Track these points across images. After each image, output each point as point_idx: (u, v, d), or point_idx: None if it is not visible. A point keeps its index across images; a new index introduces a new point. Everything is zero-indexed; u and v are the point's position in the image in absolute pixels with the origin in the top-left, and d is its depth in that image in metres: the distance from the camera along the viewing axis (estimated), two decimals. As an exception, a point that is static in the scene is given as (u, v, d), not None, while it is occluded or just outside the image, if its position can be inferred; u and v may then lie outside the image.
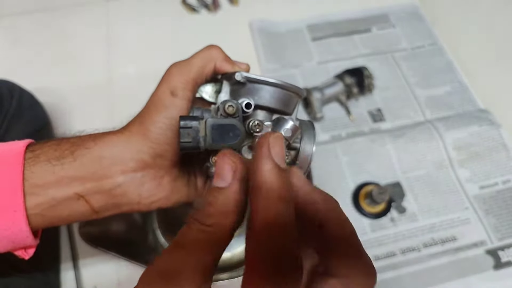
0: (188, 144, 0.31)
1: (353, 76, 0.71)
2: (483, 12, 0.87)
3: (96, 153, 0.34)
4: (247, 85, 0.36)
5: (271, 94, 0.36)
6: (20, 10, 0.83)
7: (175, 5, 0.86)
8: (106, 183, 0.34)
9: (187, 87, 0.35)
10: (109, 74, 0.76)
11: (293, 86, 0.37)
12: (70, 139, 0.35)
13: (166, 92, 0.35)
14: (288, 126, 0.34)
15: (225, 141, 0.31)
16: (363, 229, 0.62)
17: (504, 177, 0.66)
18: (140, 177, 0.35)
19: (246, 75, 0.35)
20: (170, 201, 0.37)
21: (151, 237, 0.60)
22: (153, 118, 0.34)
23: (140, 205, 0.36)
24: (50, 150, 0.33)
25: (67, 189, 0.33)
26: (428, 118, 0.73)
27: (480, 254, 0.60)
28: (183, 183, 0.38)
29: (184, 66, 0.36)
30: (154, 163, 0.35)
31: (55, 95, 0.71)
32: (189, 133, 0.31)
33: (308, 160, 0.36)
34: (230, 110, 0.33)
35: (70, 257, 0.58)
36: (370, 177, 0.66)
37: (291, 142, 0.34)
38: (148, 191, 0.35)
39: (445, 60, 0.80)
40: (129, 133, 0.35)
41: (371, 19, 0.85)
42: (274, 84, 0.36)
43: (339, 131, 0.71)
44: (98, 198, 0.34)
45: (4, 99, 0.55)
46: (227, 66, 0.37)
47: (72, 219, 0.35)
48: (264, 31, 0.82)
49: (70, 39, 0.80)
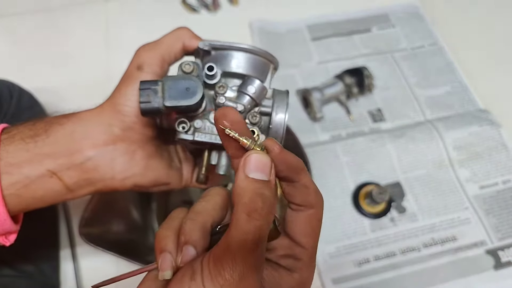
0: (147, 105, 0.31)
1: (353, 76, 0.71)
2: (483, 12, 0.87)
3: (68, 129, 0.35)
4: (213, 53, 0.36)
5: (239, 60, 0.36)
6: (20, 10, 0.83)
7: (175, 5, 0.86)
8: (77, 157, 0.34)
9: (154, 62, 0.36)
10: (108, 73, 0.76)
11: (261, 50, 0.36)
12: (45, 118, 0.36)
13: (133, 67, 0.36)
14: (254, 84, 0.34)
15: (182, 99, 0.31)
16: (363, 229, 0.62)
17: (504, 177, 0.66)
18: (111, 151, 0.35)
19: (210, 42, 0.36)
20: (146, 178, 0.37)
21: (151, 237, 0.60)
22: (121, 91, 0.35)
23: (114, 180, 0.36)
24: (25, 130, 0.34)
25: (40, 166, 0.33)
26: (428, 118, 0.73)
27: (480, 254, 0.60)
28: (162, 163, 0.39)
29: (151, 44, 0.37)
30: (125, 136, 0.35)
31: (55, 95, 0.71)
32: (148, 94, 0.31)
33: (282, 126, 0.35)
34: (187, 68, 0.33)
35: (70, 257, 0.58)
36: (370, 177, 0.66)
37: (258, 102, 0.34)
38: (120, 165, 0.36)
39: (445, 60, 0.80)
40: (101, 108, 0.36)
41: (371, 19, 0.85)
42: (238, 48, 0.35)
43: (339, 131, 0.71)
44: (71, 174, 0.34)
45: (3, 99, 0.55)
46: (195, 42, 0.37)
47: (47, 200, 0.35)
48: (264, 31, 0.82)
49: (69, 39, 0.80)
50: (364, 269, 0.59)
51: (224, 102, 0.33)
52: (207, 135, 0.35)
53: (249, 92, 0.34)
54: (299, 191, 0.25)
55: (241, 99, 0.34)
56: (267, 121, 0.36)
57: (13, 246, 0.50)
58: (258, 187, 0.22)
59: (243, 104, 0.34)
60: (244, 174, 0.22)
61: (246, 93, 0.34)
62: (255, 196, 0.22)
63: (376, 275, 0.58)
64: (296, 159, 0.24)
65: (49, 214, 0.59)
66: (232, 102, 0.34)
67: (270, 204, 0.22)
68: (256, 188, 0.22)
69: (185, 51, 0.38)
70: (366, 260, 0.59)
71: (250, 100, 0.34)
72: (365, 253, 0.60)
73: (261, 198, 0.22)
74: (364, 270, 0.59)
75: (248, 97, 0.34)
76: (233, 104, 0.33)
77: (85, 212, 0.51)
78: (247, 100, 0.34)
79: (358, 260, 0.59)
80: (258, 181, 0.22)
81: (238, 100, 0.34)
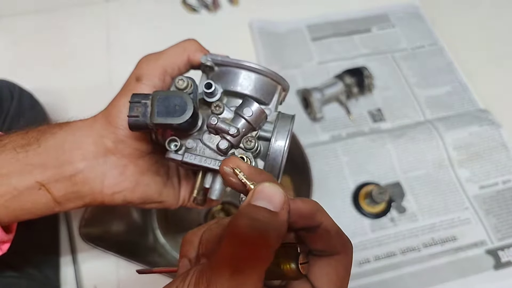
0: (136, 119, 0.29)
1: (353, 76, 0.71)
2: (483, 12, 0.87)
3: (60, 138, 0.34)
4: (217, 70, 0.34)
5: (241, 79, 0.33)
6: (20, 10, 0.83)
7: (175, 5, 0.86)
8: (67, 169, 0.33)
9: (154, 73, 0.34)
10: (109, 74, 0.76)
11: (267, 70, 0.33)
12: (38, 127, 0.35)
13: (132, 79, 0.35)
14: (251, 107, 0.31)
15: (170, 117, 0.29)
16: (363, 229, 0.62)
17: (504, 177, 0.66)
18: (102, 164, 0.34)
19: (212, 57, 0.33)
20: (135, 194, 0.36)
21: (151, 237, 0.60)
22: (115, 102, 0.34)
23: (103, 195, 0.35)
24: (18, 139, 0.33)
25: (29, 177, 0.32)
26: (428, 118, 0.73)
27: (480, 254, 0.60)
28: (156, 180, 0.37)
29: (153, 55, 0.36)
30: (116, 149, 0.34)
31: (55, 95, 0.71)
32: (138, 107, 0.30)
33: (281, 154, 0.32)
34: (180, 84, 0.31)
35: (70, 257, 0.58)
36: (370, 177, 0.66)
37: (255, 126, 0.32)
38: (110, 179, 0.34)
39: (445, 60, 0.80)
40: (94, 119, 0.35)
41: (371, 19, 0.85)
42: (242, 66, 0.33)
43: (339, 131, 0.71)
44: (59, 186, 0.33)
45: (4, 99, 0.55)
46: (200, 56, 0.35)
47: (36, 212, 0.34)
48: (264, 31, 0.82)
49: (70, 40, 0.80)
50: (364, 269, 0.59)
51: (216, 124, 0.31)
52: (197, 157, 0.32)
53: (245, 115, 0.31)
54: (320, 236, 0.22)
55: (236, 121, 0.31)
56: (267, 147, 0.32)
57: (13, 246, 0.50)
58: (261, 215, 0.20)
59: (237, 127, 0.31)
60: (249, 200, 0.20)
61: (242, 115, 0.31)
62: (252, 224, 0.19)
63: (376, 275, 0.58)
64: (307, 204, 0.22)
65: (50, 215, 0.59)
66: (224, 124, 0.31)
67: (270, 240, 0.19)
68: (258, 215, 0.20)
69: (191, 65, 0.36)
70: (366, 260, 0.59)
71: (246, 123, 0.31)
72: (365, 253, 0.60)
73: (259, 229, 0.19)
74: (364, 270, 0.59)
75: (243, 120, 0.31)
76: (226, 126, 0.31)
77: (85, 212, 0.51)
78: (242, 123, 0.31)
79: (358, 260, 0.59)
80: (260, 208, 0.20)
81: (232, 123, 0.31)
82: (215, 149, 0.32)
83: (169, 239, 0.60)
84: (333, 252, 0.23)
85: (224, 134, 0.31)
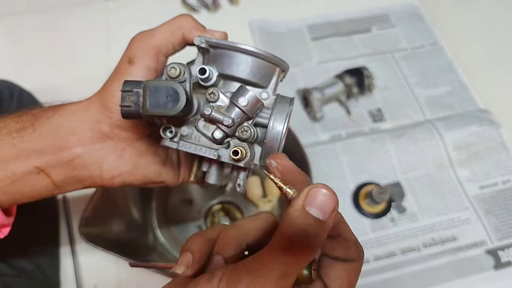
0: (128, 109, 0.29)
1: (353, 76, 0.71)
2: (483, 12, 0.87)
3: (55, 122, 0.33)
4: (212, 52, 0.32)
5: (237, 62, 0.31)
6: (20, 10, 0.83)
7: (175, 5, 0.86)
8: (65, 154, 0.33)
9: (146, 54, 0.33)
10: (109, 73, 0.75)
11: (263, 52, 0.32)
12: (32, 111, 0.34)
13: (124, 60, 0.34)
14: (246, 95, 0.30)
15: (162, 108, 0.28)
16: (363, 229, 0.62)
17: (504, 177, 0.66)
18: (99, 149, 0.34)
19: (206, 39, 0.32)
20: (135, 177, 0.36)
21: (151, 237, 0.60)
22: (108, 87, 0.33)
23: (102, 179, 0.35)
24: (12, 123, 0.33)
25: (27, 162, 0.32)
26: (428, 118, 0.73)
27: (480, 254, 0.60)
28: (155, 161, 0.37)
29: (146, 34, 0.34)
30: (113, 134, 0.34)
31: (55, 95, 0.71)
32: (130, 97, 0.29)
33: (277, 141, 0.30)
34: (173, 73, 0.29)
35: (70, 257, 0.58)
36: (370, 177, 0.66)
37: (251, 115, 0.31)
38: (108, 163, 0.34)
39: (445, 60, 0.80)
40: (88, 102, 0.34)
41: (371, 19, 0.85)
42: (236, 48, 0.31)
43: (339, 131, 0.71)
44: (58, 171, 0.33)
45: (4, 99, 0.55)
46: (196, 34, 0.33)
47: (35, 195, 0.34)
48: (264, 31, 0.82)
49: (70, 39, 0.80)
50: (364, 269, 0.59)
51: (210, 114, 0.30)
52: (193, 146, 0.31)
53: (240, 104, 0.30)
54: (339, 244, 0.24)
55: (231, 111, 0.30)
56: (264, 132, 0.31)
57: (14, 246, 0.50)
58: (310, 224, 0.20)
59: (231, 117, 0.30)
60: (302, 204, 0.20)
61: (237, 105, 0.30)
62: (302, 232, 0.20)
63: (376, 275, 0.58)
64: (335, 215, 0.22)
65: (50, 214, 0.59)
66: (219, 114, 0.30)
67: (313, 247, 0.20)
68: (308, 224, 0.20)
69: (186, 42, 0.34)
70: (366, 260, 0.59)
71: (241, 113, 0.30)
72: (365, 253, 0.60)
73: (307, 236, 0.20)
74: (364, 270, 0.59)
75: (238, 109, 0.30)
76: (220, 117, 0.30)
77: (85, 211, 0.51)
78: (236, 112, 0.30)
79: (358, 260, 0.59)
80: (312, 218, 0.20)
81: (227, 112, 0.30)
82: (210, 137, 0.31)
83: (169, 238, 0.60)
84: (349, 259, 0.24)
85: (219, 124, 0.31)
